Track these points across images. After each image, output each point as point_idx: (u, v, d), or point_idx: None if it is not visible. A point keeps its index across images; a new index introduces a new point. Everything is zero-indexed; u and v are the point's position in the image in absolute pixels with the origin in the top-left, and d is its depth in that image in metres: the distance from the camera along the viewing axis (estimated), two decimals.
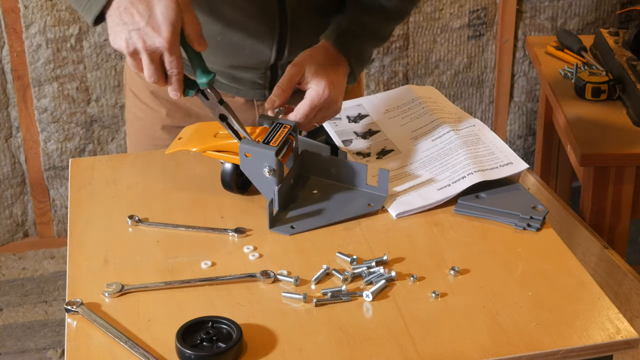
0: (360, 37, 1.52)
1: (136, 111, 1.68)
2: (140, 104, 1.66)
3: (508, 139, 3.17)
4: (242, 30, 1.49)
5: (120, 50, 1.25)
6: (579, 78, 2.24)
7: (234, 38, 1.50)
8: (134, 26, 1.22)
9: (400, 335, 1.13)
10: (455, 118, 1.58)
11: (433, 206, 1.39)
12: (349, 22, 1.51)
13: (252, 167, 1.35)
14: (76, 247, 1.30)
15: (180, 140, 1.42)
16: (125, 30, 1.23)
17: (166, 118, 1.64)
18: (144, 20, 1.22)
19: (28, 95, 2.74)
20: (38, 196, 2.89)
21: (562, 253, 1.29)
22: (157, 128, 1.65)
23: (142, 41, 1.22)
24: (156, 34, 1.22)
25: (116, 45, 1.25)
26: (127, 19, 1.22)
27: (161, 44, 1.22)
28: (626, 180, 2.05)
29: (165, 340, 1.11)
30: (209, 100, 1.32)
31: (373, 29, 1.55)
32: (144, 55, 1.24)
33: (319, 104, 1.42)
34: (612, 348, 1.13)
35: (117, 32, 1.24)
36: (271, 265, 1.26)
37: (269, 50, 1.52)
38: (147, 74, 1.26)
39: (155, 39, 1.22)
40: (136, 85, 1.66)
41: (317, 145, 1.45)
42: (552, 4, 3.01)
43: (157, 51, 1.23)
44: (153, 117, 1.65)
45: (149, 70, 1.25)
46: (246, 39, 1.50)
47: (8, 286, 2.79)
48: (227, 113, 1.33)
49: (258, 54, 1.53)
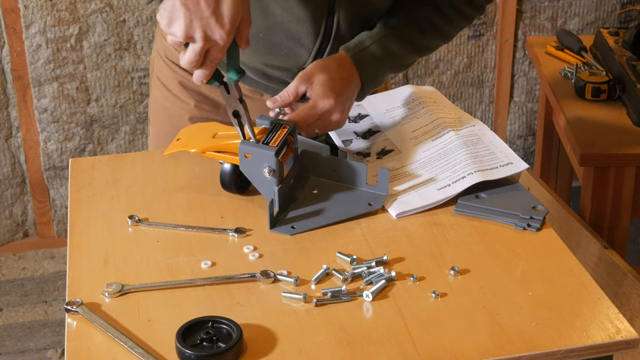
0: (380, 61, 1.50)
1: (163, 101, 1.67)
2: (168, 94, 1.65)
3: (508, 139, 3.17)
4: (286, 31, 1.49)
5: (172, 34, 1.22)
6: (579, 78, 2.24)
7: (276, 38, 1.50)
8: (197, 14, 1.19)
9: (400, 335, 1.13)
10: (455, 118, 1.58)
11: (433, 206, 1.39)
12: (373, 42, 1.49)
13: (252, 168, 1.34)
14: (76, 247, 1.30)
15: (179, 142, 1.42)
16: (187, 17, 1.19)
17: (194, 109, 1.63)
18: (209, 9, 1.19)
19: (28, 95, 2.74)
20: (38, 196, 2.89)
21: (562, 253, 1.29)
22: (184, 119, 1.64)
23: (203, 31, 1.20)
24: (218, 26, 1.20)
25: (171, 29, 1.21)
26: (192, 5, 1.19)
27: (220, 37, 1.21)
28: (626, 180, 2.05)
29: (165, 340, 1.11)
30: (229, 95, 1.32)
31: (395, 57, 1.52)
32: (198, 45, 1.21)
33: (320, 111, 1.41)
34: (612, 348, 1.13)
35: (176, 16, 1.20)
36: (271, 265, 1.26)
37: (307, 53, 1.52)
38: (189, 59, 1.23)
39: (216, 31, 1.20)
40: (164, 75, 1.65)
41: (317, 145, 1.45)
42: (552, 4, 3.01)
43: (213, 43, 1.22)
44: (180, 108, 1.64)
45: (194, 56, 1.22)
46: (288, 40, 1.50)
47: (8, 286, 2.79)
48: (243, 112, 1.33)
49: (295, 56, 1.52)
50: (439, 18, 1.54)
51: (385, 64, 1.51)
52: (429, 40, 1.56)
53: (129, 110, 2.84)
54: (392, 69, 1.54)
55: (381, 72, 1.52)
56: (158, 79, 1.67)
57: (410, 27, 1.52)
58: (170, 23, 1.21)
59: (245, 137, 1.35)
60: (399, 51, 1.52)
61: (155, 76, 1.69)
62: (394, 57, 1.52)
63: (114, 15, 2.70)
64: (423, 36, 1.54)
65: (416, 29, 1.53)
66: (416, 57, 1.58)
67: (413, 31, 1.52)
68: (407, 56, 1.55)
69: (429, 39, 1.55)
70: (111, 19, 2.70)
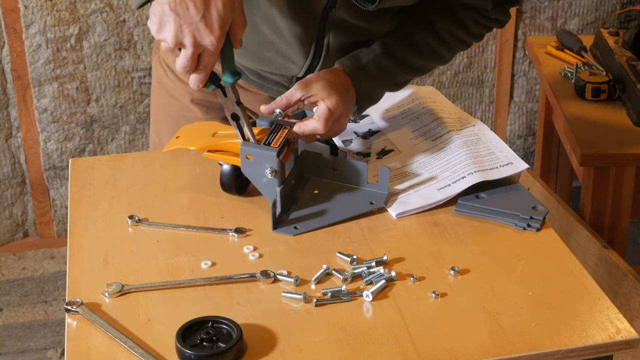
0: (376, 79, 1.49)
1: (167, 81, 1.67)
2: (172, 74, 1.66)
3: (508, 139, 3.17)
4: (276, 50, 1.49)
5: (162, 39, 1.21)
6: (579, 78, 2.24)
7: (268, 54, 1.50)
8: (187, 20, 1.19)
9: (400, 335, 1.13)
10: (455, 118, 1.58)
11: (433, 206, 1.39)
12: (369, 61, 1.48)
13: (254, 169, 1.34)
14: (76, 247, 1.30)
15: (178, 139, 1.42)
16: (177, 22, 1.19)
17: (196, 92, 1.63)
18: (199, 14, 1.18)
19: (28, 95, 2.74)
20: (38, 196, 2.89)
21: (562, 253, 1.29)
22: (186, 100, 1.65)
23: (192, 36, 1.20)
24: (208, 31, 1.19)
25: (161, 35, 1.21)
26: (181, 11, 1.18)
27: (210, 42, 1.20)
28: (626, 180, 2.05)
29: (165, 340, 1.11)
30: (226, 98, 1.32)
31: (391, 76, 1.51)
32: (189, 50, 1.21)
33: (333, 111, 1.40)
34: (612, 348, 1.13)
35: (166, 21, 1.20)
36: (271, 265, 1.26)
37: (298, 69, 1.52)
38: (182, 64, 1.23)
39: (205, 37, 1.20)
40: (168, 56, 1.66)
41: (317, 146, 1.45)
42: (552, 4, 3.01)
43: (203, 48, 1.22)
44: (183, 89, 1.65)
45: (186, 62, 1.22)
46: (278, 57, 1.51)
47: (8, 286, 2.79)
48: (241, 114, 1.33)
49: (287, 69, 1.53)
50: (437, 43, 1.53)
51: (380, 82, 1.50)
52: (425, 63, 1.55)
53: (129, 110, 2.84)
54: (388, 87, 1.53)
55: (377, 89, 1.51)
56: (163, 61, 1.68)
57: (407, 48, 1.51)
58: (160, 29, 1.20)
59: (244, 138, 1.35)
60: (396, 71, 1.51)
61: (160, 57, 1.69)
62: (390, 76, 1.51)
63: (114, 15, 2.70)
64: (420, 58, 1.53)
65: (413, 50, 1.51)
66: (411, 77, 1.56)
67: (410, 52, 1.51)
68: (404, 76, 1.54)
69: (426, 61, 1.55)
70: (111, 19, 2.70)
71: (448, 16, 1.51)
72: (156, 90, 1.72)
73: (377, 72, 1.49)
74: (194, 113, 1.64)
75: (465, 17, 1.52)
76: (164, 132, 1.70)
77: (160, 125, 1.72)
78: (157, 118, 1.73)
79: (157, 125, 1.73)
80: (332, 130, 1.44)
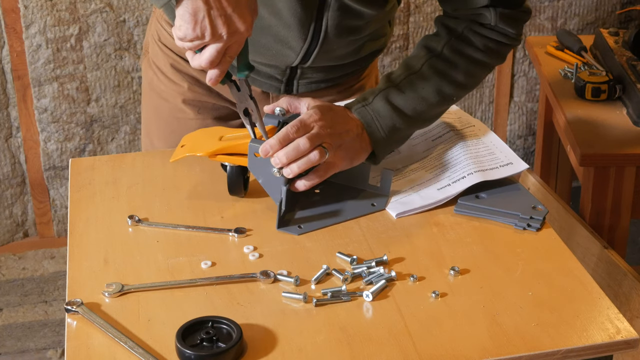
0: (388, 117, 1.42)
1: (158, 83, 1.68)
2: (162, 76, 1.67)
3: (508, 139, 3.17)
4: (274, 34, 1.49)
5: (195, 37, 1.22)
6: (579, 78, 2.24)
7: (264, 40, 1.50)
8: (221, 11, 1.21)
9: (400, 335, 1.13)
10: (455, 118, 1.58)
11: (433, 206, 1.39)
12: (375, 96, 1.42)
13: (261, 167, 1.34)
14: (76, 247, 1.30)
15: (184, 148, 1.41)
16: (212, 15, 1.21)
17: (187, 92, 1.64)
18: (231, 6, 1.22)
19: (28, 95, 2.74)
20: (38, 196, 2.89)
21: (562, 253, 1.29)
22: (177, 101, 1.66)
23: (227, 26, 1.22)
24: (242, 20, 1.22)
25: (197, 31, 1.22)
26: (214, 4, 1.21)
27: (246, 30, 1.23)
28: (626, 180, 2.05)
29: (165, 340, 1.11)
30: (239, 92, 1.32)
31: (421, 119, 1.45)
32: (221, 42, 1.23)
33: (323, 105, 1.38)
34: (612, 348, 1.13)
35: (201, 17, 1.21)
36: (271, 265, 1.26)
37: (294, 55, 1.52)
38: (210, 58, 1.24)
39: (240, 25, 1.23)
40: (158, 58, 1.67)
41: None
42: (552, 4, 3.01)
43: (237, 37, 1.24)
44: (174, 90, 1.66)
45: (216, 55, 1.24)
46: (276, 42, 1.50)
47: (8, 286, 2.79)
48: (254, 109, 1.33)
49: (283, 57, 1.53)
50: (446, 83, 1.46)
51: (405, 128, 1.44)
52: (434, 112, 1.48)
53: (129, 110, 2.84)
54: (415, 128, 1.47)
55: (401, 137, 1.45)
56: (153, 63, 1.68)
57: (415, 100, 1.44)
58: (196, 25, 1.22)
59: (255, 135, 1.35)
60: (403, 125, 1.44)
61: (150, 59, 1.70)
62: (420, 121, 1.46)
63: (114, 15, 2.70)
64: (431, 107, 1.46)
65: (423, 103, 1.45)
66: (417, 128, 1.49)
67: (419, 105, 1.45)
68: (421, 124, 1.48)
69: (439, 107, 1.48)
70: (111, 19, 2.70)
71: (452, 33, 1.47)
72: (146, 93, 1.73)
73: (404, 125, 1.43)
74: (186, 114, 1.65)
75: (467, 30, 1.47)
76: (155, 135, 1.71)
77: (151, 128, 1.73)
78: (148, 121, 1.74)
79: (148, 128, 1.74)
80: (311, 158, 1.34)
